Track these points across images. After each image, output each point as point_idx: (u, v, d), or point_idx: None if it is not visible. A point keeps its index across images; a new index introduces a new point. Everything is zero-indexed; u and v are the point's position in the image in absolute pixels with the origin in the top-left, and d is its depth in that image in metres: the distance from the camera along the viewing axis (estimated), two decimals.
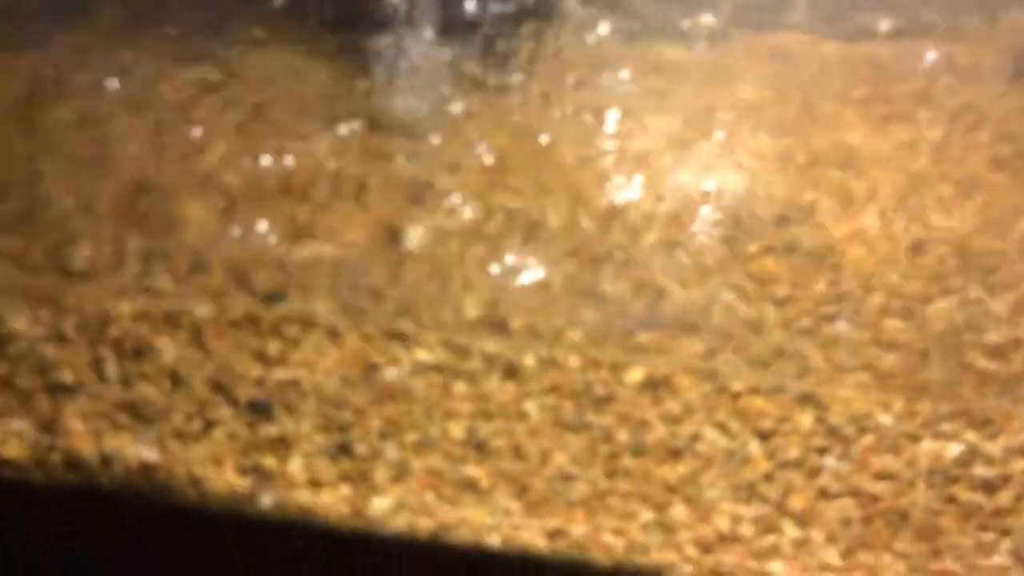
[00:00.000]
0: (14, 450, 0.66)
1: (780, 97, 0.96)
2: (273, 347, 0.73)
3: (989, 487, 0.65)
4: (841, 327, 0.71)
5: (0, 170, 0.82)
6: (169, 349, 0.72)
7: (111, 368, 0.70)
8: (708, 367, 0.71)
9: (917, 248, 0.77)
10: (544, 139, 0.87)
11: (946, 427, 0.67)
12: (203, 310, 0.73)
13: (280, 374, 0.71)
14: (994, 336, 0.69)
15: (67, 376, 0.70)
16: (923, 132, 0.91)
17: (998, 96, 0.96)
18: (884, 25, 1.06)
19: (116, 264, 0.74)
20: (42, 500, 0.64)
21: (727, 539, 0.63)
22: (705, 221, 0.81)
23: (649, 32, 1.05)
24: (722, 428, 0.70)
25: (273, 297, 0.72)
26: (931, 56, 1.02)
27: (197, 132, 0.86)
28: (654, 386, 0.71)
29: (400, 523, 0.64)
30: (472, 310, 0.76)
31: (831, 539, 0.63)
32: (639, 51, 1.03)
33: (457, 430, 0.70)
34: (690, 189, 0.84)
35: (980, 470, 0.66)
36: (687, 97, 0.97)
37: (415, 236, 0.79)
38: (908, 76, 1.00)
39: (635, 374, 0.72)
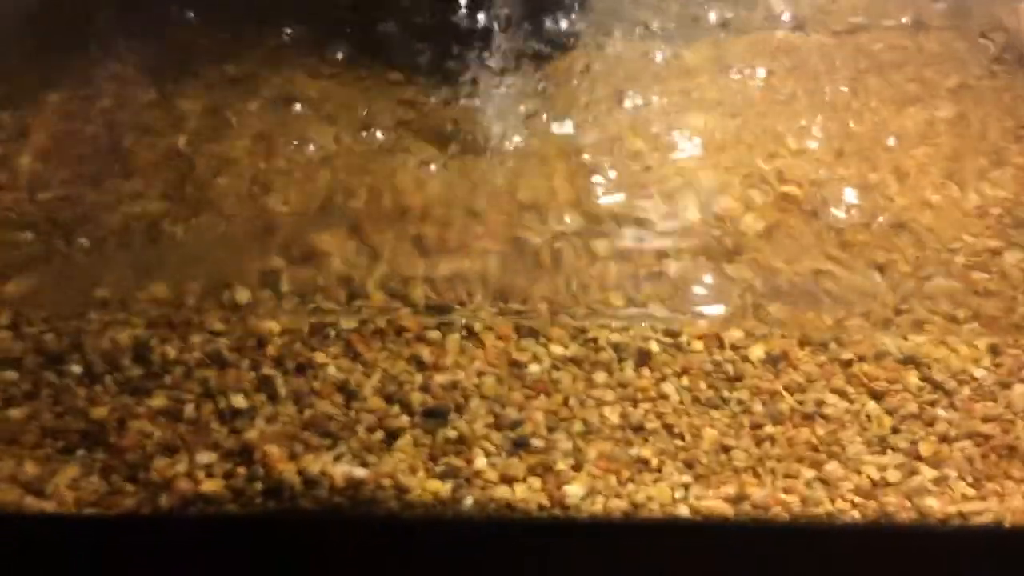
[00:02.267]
0: (210, 484, 0.67)
1: (802, 88, 1.05)
2: (426, 353, 0.76)
3: None
4: (940, 282, 0.81)
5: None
6: (331, 364, 0.74)
7: (281, 387, 0.72)
8: (821, 337, 0.79)
9: (979, 212, 0.88)
10: (636, 143, 0.93)
11: None
12: (352, 323, 0.75)
13: (440, 378, 0.75)
14: None
15: (239, 400, 0.71)
16: (938, 112, 1.02)
17: (986, 77, 1.08)
18: (859, 19, 1.17)
19: (264, 289, 0.75)
20: (246, 530, 0.65)
21: (880, 485, 0.72)
22: (789, 203, 0.88)
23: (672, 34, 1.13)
24: (841, 393, 0.78)
25: (436, 310, 0.75)
26: (911, 45, 1.13)
27: (311, 152, 0.87)
28: (774, 360, 0.79)
29: (596, 507, 0.69)
30: (595, 301, 0.81)
31: (961, 475, 0.73)
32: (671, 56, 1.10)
33: (613, 416, 0.76)
34: (765, 177, 0.92)
35: None
36: (719, 92, 1.04)
37: (535, 242, 0.83)
38: (901, 63, 1.10)
39: (757, 351, 0.79)
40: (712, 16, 1.16)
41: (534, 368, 0.78)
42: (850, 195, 0.90)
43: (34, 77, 0.99)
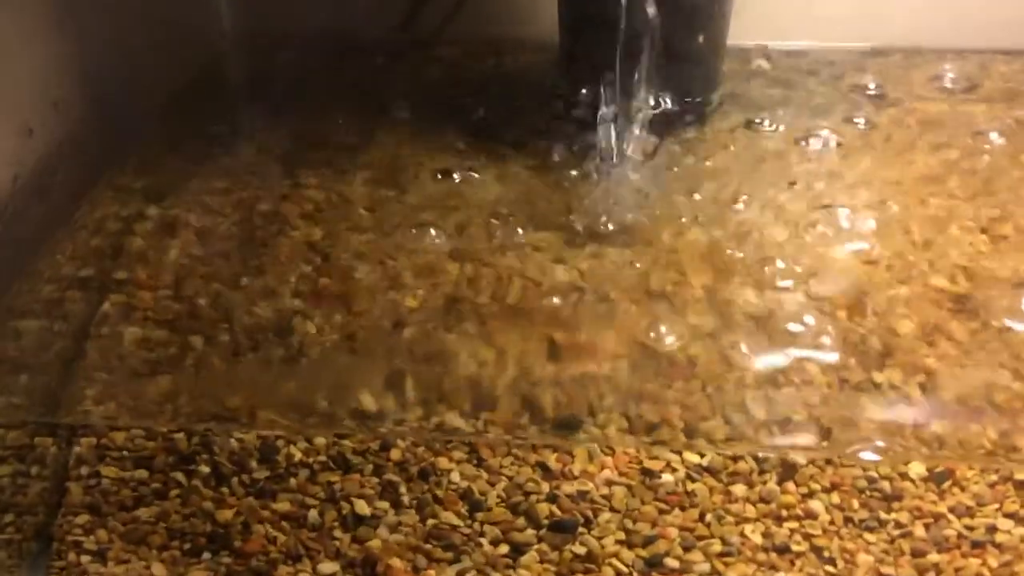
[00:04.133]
0: None
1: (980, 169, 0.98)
2: (552, 460, 0.72)
3: None
4: None
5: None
6: (455, 469, 0.71)
7: (404, 494, 0.70)
8: (988, 455, 0.71)
9: None
10: (755, 235, 0.89)
11: None
12: (468, 427, 0.73)
13: (568, 488, 0.71)
14: None
15: (362, 507, 0.70)
16: None
17: None
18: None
19: (390, 391, 0.74)
20: None
21: None
22: (949, 300, 0.81)
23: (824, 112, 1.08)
24: (1016, 518, 0.70)
25: (565, 424, 0.72)
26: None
27: (439, 245, 0.87)
28: (938, 479, 0.71)
29: None
30: (733, 409, 0.76)
31: None
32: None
33: (755, 535, 0.70)
34: (923, 269, 0.85)
35: None
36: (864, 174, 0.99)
37: (669, 340, 0.79)
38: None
39: (917, 467, 0.72)
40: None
41: (668, 478, 0.73)
42: (1012, 285, 0.82)
43: (176, 167, 1.03)
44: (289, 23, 1.23)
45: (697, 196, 0.96)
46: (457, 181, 1.00)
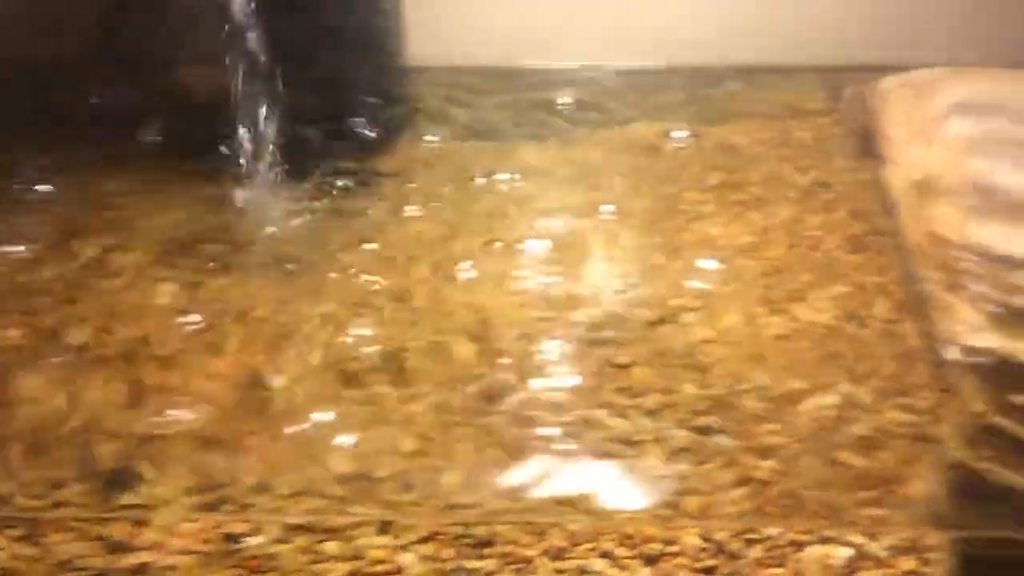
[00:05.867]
0: None
1: (640, 191, 0.97)
2: (118, 530, 0.67)
3: None
4: (716, 437, 0.70)
5: None
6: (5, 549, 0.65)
7: None
8: (582, 500, 0.69)
9: (781, 343, 0.78)
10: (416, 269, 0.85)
11: (830, 532, 0.67)
12: (35, 501, 0.66)
13: (127, 561, 0.65)
14: (861, 429, 0.70)
15: None
16: (779, 216, 0.93)
17: (847, 171, 0.99)
18: (733, 108, 1.10)
19: None
20: None
21: None
22: (574, 332, 0.79)
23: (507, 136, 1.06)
24: (612, 558, 0.68)
25: (115, 481, 0.66)
26: (778, 137, 1.05)
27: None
28: (536, 522, 0.69)
29: None
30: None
31: None
32: (502, 156, 1.03)
33: None
34: (558, 298, 0.83)
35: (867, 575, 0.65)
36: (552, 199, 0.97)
37: (277, 385, 0.74)
38: (759, 159, 1.02)
39: None
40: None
41: (252, 541, 0.68)
42: (645, 323, 0.81)
43: None
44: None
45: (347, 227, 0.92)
46: None
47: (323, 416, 0.74)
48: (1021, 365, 0.60)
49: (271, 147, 0.87)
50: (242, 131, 0.87)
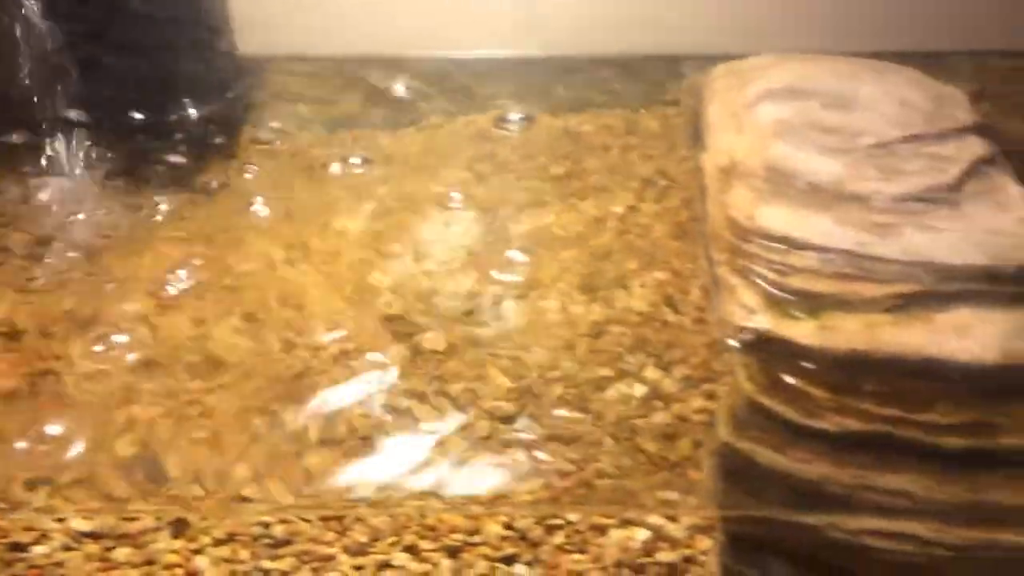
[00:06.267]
0: None
1: (482, 180, 0.97)
2: None
3: (675, 571, 0.65)
4: (520, 425, 0.70)
5: None
6: None
7: None
8: (386, 492, 0.68)
9: (595, 331, 0.78)
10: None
11: (630, 514, 0.67)
12: None
13: None
14: (665, 417, 0.70)
15: None
16: (614, 205, 0.93)
17: (685, 159, 1.00)
18: (586, 97, 1.09)
19: None
20: None
21: None
22: (387, 320, 0.78)
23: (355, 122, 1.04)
24: (414, 551, 0.67)
25: None
26: (627, 126, 1.05)
27: None
28: (338, 516, 0.68)
29: None
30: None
31: None
32: (347, 142, 1.01)
33: None
34: (376, 286, 0.82)
35: (664, 555, 0.66)
36: (386, 188, 0.96)
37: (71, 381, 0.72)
38: (605, 148, 1.02)
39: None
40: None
41: (39, 550, 0.66)
42: (461, 312, 0.81)
43: None
44: None
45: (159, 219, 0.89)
46: None
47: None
48: (792, 345, 0.61)
49: (81, 138, 0.84)
50: (48, 121, 0.83)
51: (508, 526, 0.67)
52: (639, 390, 0.72)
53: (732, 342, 0.65)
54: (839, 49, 0.98)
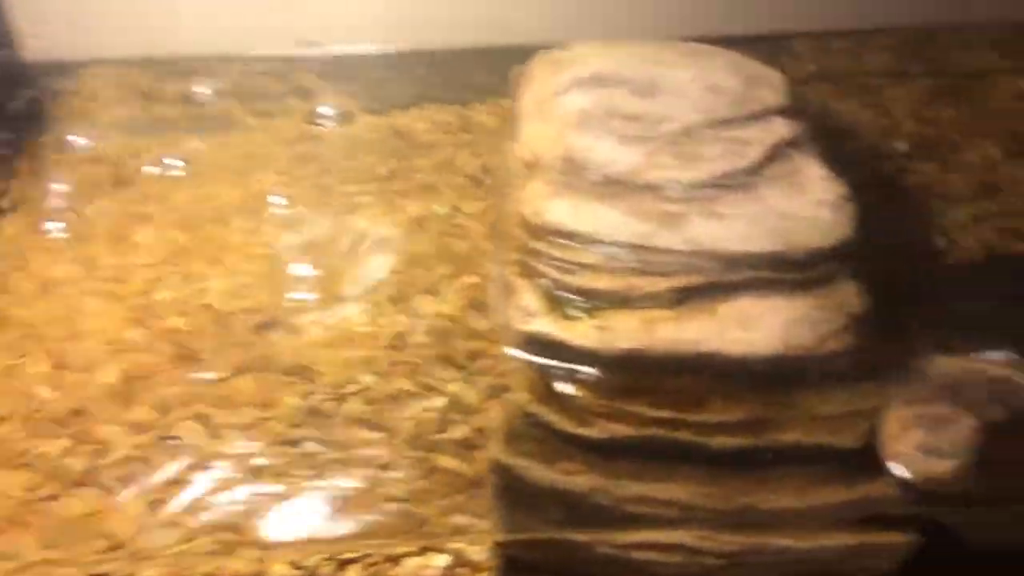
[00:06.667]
0: None
1: (299, 182, 0.91)
2: None
3: None
4: (308, 449, 0.65)
5: None
6: None
7: None
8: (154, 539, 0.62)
9: (398, 342, 0.73)
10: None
11: (427, 542, 0.63)
12: None
13: None
14: (464, 431, 0.66)
15: None
16: (437, 205, 0.89)
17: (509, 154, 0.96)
18: (420, 93, 1.05)
19: None
20: None
21: None
22: (167, 341, 0.72)
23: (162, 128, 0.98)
24: None
25: None
26: (460, 122, 1.01)
27: None
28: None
29: None
30: None
31: None
32: (152, 149, 0.95)
33: None
34: (163, 303, 0.76)
35: None
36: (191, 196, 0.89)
37: None
38: (435, 145, 0.98)
39: None
40: None
41: None
42: (255, 327, 0.75)
43: None
44: None
45: None
46: None
47: None
48: (568, 348, 0.57)
49: None
50: None
51: (296, 565, 0.62)
52: (439, 402, 0.68)
53: (510, 349, 0.61)
54: (685, 34, 0.95)
